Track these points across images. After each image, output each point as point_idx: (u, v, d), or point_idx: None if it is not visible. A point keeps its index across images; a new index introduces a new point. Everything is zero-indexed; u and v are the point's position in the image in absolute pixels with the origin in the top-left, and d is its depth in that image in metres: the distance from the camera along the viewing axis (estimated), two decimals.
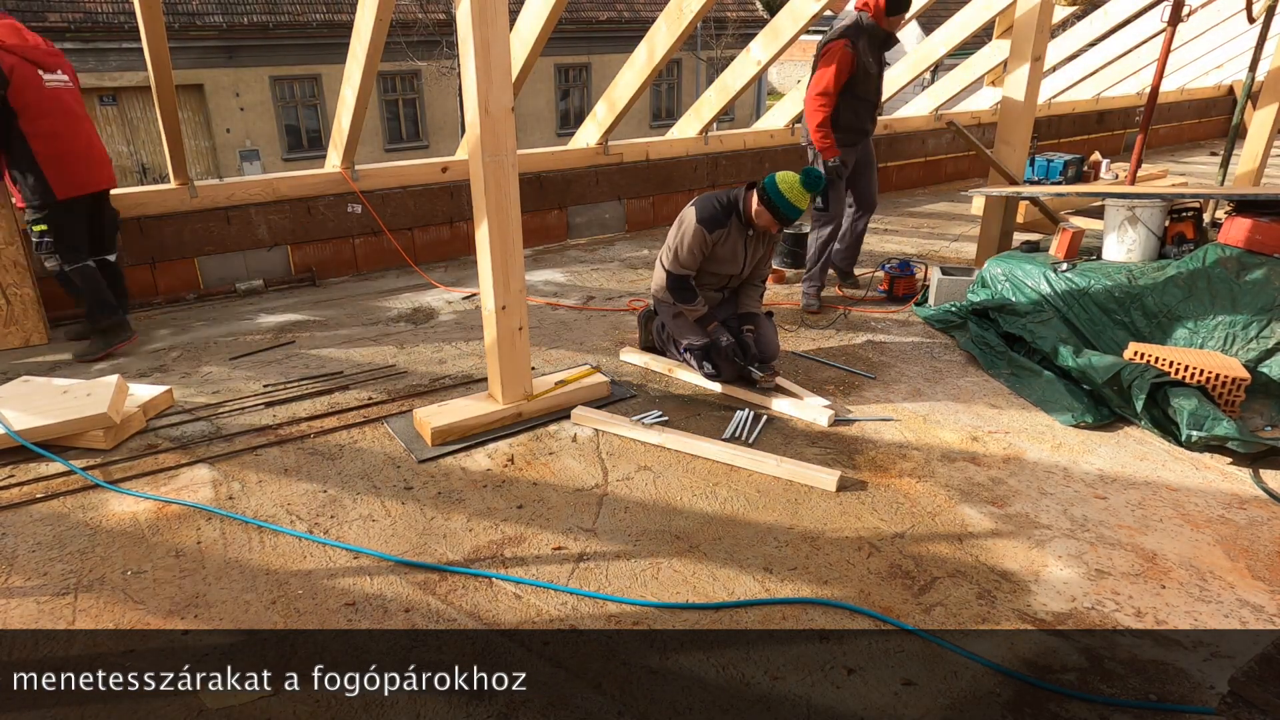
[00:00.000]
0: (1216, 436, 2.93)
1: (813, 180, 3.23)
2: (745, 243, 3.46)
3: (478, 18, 2.57)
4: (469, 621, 2.12)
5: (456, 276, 5.21)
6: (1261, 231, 3.67)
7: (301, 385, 3.54)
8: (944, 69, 10.86)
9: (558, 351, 3.97)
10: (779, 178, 3.26)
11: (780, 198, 3.24)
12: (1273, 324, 3.41)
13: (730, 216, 3.39)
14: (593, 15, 18.69)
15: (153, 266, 4.59)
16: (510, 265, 2.97)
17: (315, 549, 2.41)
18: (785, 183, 3.24)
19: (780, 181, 3.25)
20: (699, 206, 3.41)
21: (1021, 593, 2.26)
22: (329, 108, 16.01)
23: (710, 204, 3.40)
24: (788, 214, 3.27)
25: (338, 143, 4.94)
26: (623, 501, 2.69)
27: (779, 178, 3.26)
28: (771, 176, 3.28)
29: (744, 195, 3.40)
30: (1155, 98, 5.13)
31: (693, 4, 4.84)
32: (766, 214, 3.32)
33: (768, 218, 3.32)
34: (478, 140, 2.75)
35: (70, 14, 13.99)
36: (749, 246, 3.48)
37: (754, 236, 3.47)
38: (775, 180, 3.26)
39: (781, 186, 3.24)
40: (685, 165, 6.50)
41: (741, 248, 3.46)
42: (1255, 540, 2.51)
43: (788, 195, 3.23)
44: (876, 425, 3.24)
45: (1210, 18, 8.57)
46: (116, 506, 2.62)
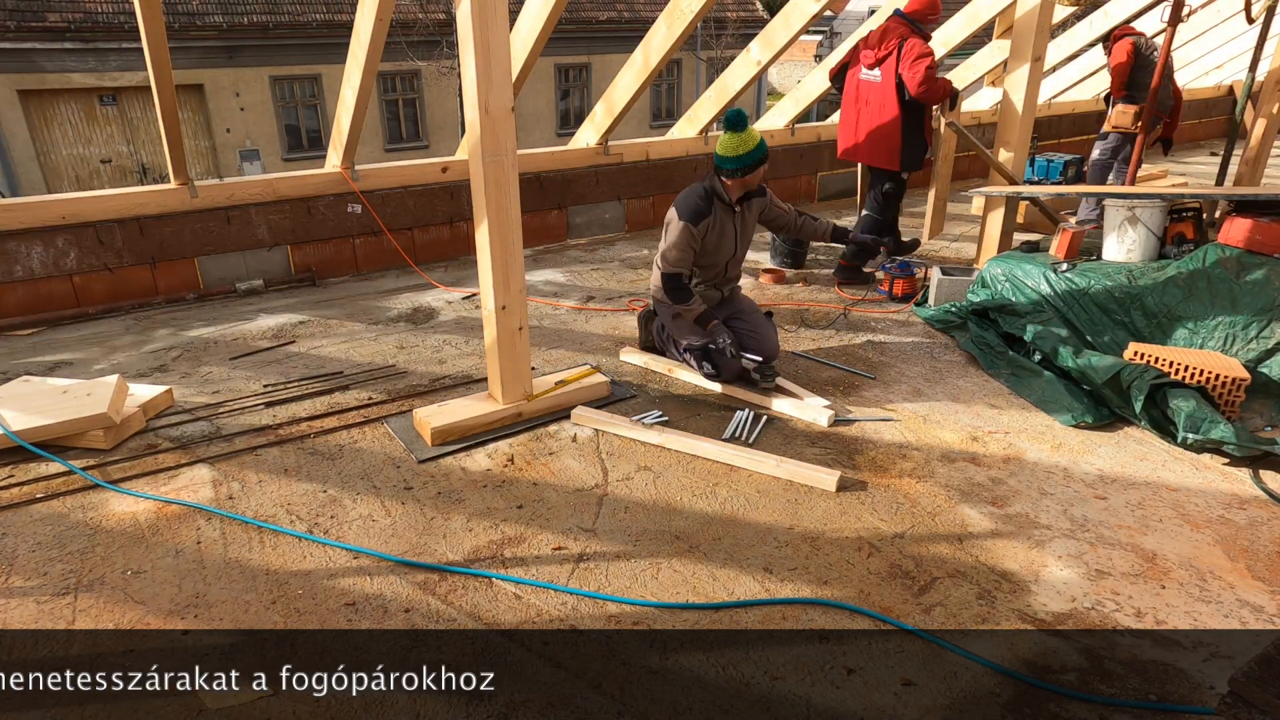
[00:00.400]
0: (1213, 440, 2.94)
1: (733, 120, 3.29)
2: (734, 220, 3.50)
3: (478, 18, 2.57)
4: (469, 621, 2.12)
5: (456, 276, 5.21)
6: (1261, 231, 3.67)
7: (301, 385, 3.54)
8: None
9: (558, 351, 3.97)
10: (718, 146, 3.34)
11: (727, 160, 3.31)
12: (1273, 324, 3.40)
13: (712, 202, 3.43)
14: (593, 15, 18.68)
15: (153, 266, 4.60)
16: (510, 265, 2.97)
17: (315, 549, 2.41)
18: (722, 146, 3.31)
19: (719, 148, 3.33)
20: (679, 204, 3.44)
21: (1021, 593, 2.26)
22: (329, 108, 16.01)
23: (690, 198, 3.43)
24: (745, 163, 3.31)
25: (338, 143, 4.94)
26: (623, 501, 2.69)
27: (718, 146, 3.34)
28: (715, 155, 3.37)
29: (716, 180, 3.44)
30: (1155, 98, 5.13)
31: (693, 4, 4.83)
32: (735, 180, 3.37)
33: (738, 181, 3.37)
34: (478, 140, 2.75)
35: (70, 14, 13.99)
36: (738, 224, 3.53)
37: (740, 211, 3.52)
38: (717, 153, 3.35)
39: (721, 151, 3.32)
40: (685, 165, 6.50)
41: (731, 228, 3.51)
42: (1255, 540, 2.51)
43: (730, 153, 3.29)
44: (876, 425, 3.24)
45: (1210, 18, 8.57)
46: (116, 506, 2.62)
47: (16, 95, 14.09)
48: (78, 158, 15.26)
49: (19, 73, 13.94)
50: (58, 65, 14.21)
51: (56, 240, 4.31)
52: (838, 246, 5.99)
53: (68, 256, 4.36)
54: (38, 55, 13.99)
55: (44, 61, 14.10)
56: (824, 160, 7.43)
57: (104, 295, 4.51)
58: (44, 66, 14.13)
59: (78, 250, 4.38)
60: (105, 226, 4.42)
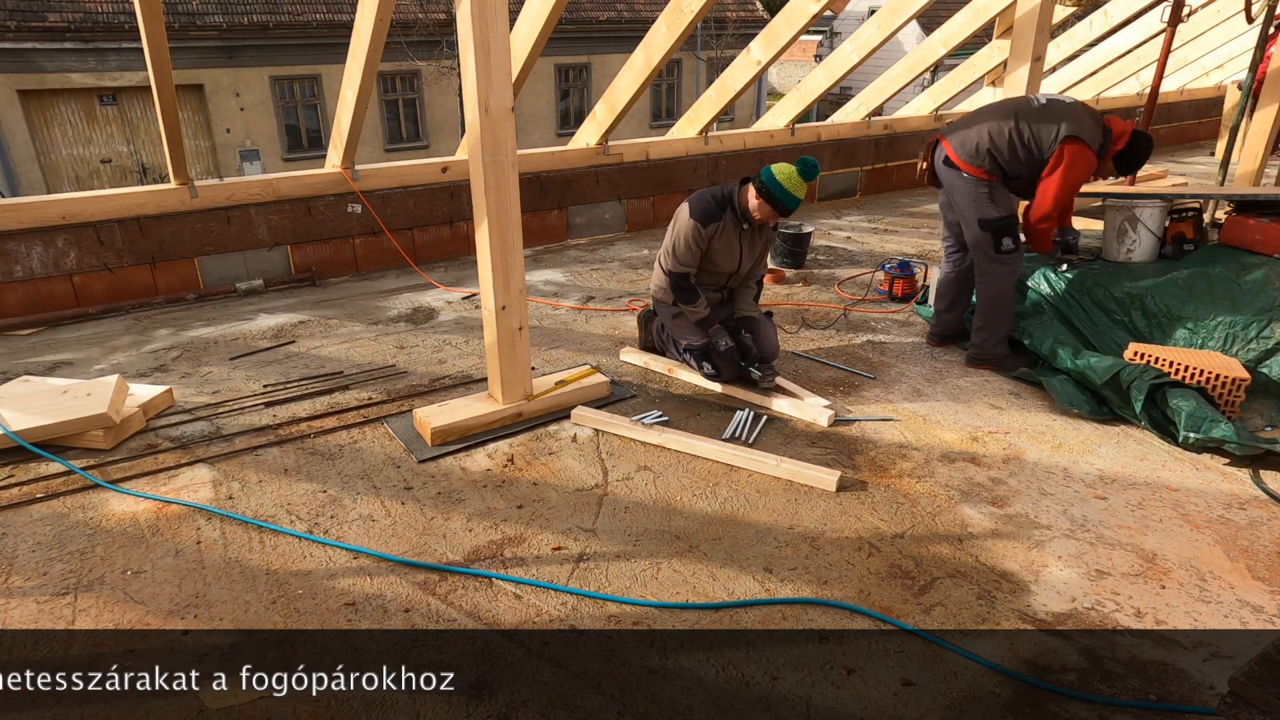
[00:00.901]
0: (1213, 439, 2.93)
1: (809, 169, 3.25)
2: (740, 237, 3.47)
3: (478, 18, 2.57)
4: (469, 621, 2.12)
5: (456, 276, 5.21)
6: (1261, 231, 3.67)
7: (301, 385, 3.54)
8: (944, 69, 10.87)
9: (558, 351, 3.97)
10: (776, 169, 3.28)
11: (779, 188, 3.26)
12: (1273, 324, 3.40)
13: (724, 210, 3.40)
14: (593, 15, 18.68)
15: (153, 266, 4.60)
16: (510, 265, 2.97)
17: (315, 549, 2.41)
18: (783, 173, 3.26)
19: (778, 173, 3.27)
20: (692, 203, 3.42)
21: (1021, 593, 2.26)
22: (329, 108, 16.01)
23: (704, 199, 3.42)
24: (787, 204, 3.28)
25: (338, 143, 4.94)
26: (623, 501, 2.69)
27: (776, 169, 3.28)
28: (768, 168, 3.30)
29: (738, 189, 3.40)
30: (1155, 98, 5.13)
31: (693, 4, 4.83)
32: (766, 205, 3.32)
33: (768, 209, 3.33)
34: (478, 140, 2.75)
35: (70, 14, 13.98)
36: (744, 241, 3.48)
37: (749, 231, 3.47)
38: (772, 172, 3.28)
39: (779, 177, 3.26)
40: (685, 165, 6.50)
41: (737, 242, 3.47)
42: (1255, 540, 2.51)
43: (786, 185, 3.25)
44: (876, 425, 3.24)
45: (1210, 18, 8.57)
46: (116, 506, 2.62)
47: (16, 95, 14.08)
48: (78, 158, 15.26)
49: (19, 73, 13.93)
50: (58, 65, 14.20)
51: (56, 240, 4.31)
52: (837, 247, 6.00)
53: (68, 256, 4.36)
54: (38, 55, 13.98)
55: (44, 61, 14.10)
56: (824, 160, 7.43)
57: (104, 295, 4.51)
58: (44, 66, 14.13)
59: (78, 250, 4.37)
60: (105, 226, 4.42)
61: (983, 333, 3.71)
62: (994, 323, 3.67)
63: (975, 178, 3.52)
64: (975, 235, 3.58)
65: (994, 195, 3.52)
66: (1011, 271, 3.60)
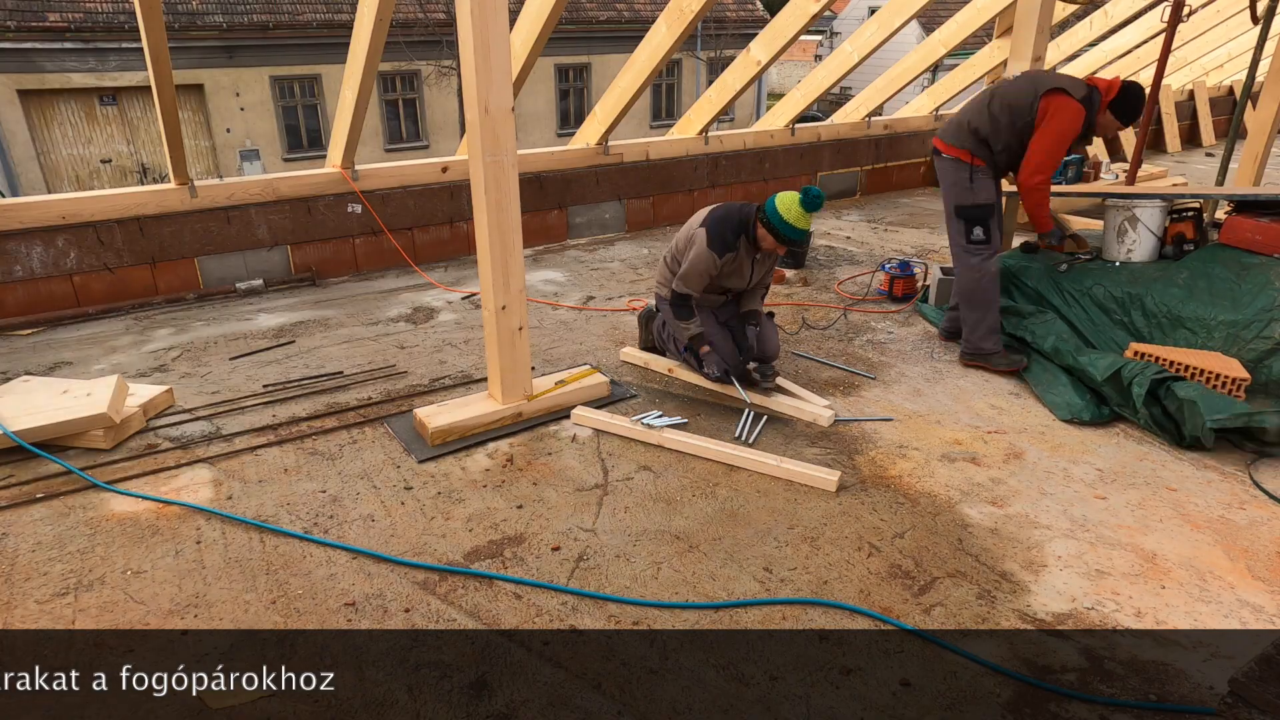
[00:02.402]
0: (1240, 414, 2.91)
1: (812, 200, 3.17)
2: (753, 261, 3.43)
3: (478, 18, 2.57)
4: (469, 621, 2.12)
5: (456, 276, 5.21)
6: (1261, 231, 3.67)
7: (301, 385, 3.54)
8: (944, 69, 10.87)
9: (558, 351, 3.97)
10: (779, 200, 3.21)
11: (781, 221, 3.19)
12: (1273, 324, 3.40)
13: (740, 238, 3.35)
14: (593, 15, 18.68)
15: (153, 266, 4.60)
16: (510, 265, 2.97)
17: (315, 549, 2.41)
18: (784, 204, 3.19)
19: (780, 204, 3.20)
20: (710, 228, 3.34)
21: (1021, 593, 2.26)
22: (329, 108, 16.02)
23: (721, 227, 3.34)
24: (791, 237, 3.23)
25: (338, 143, 4.95)
26: (623, 501, 2.69)
27: (779, 200, 3.21)
28: (772, 199, 3.23)
29: (754, 217, 3.33)
30: (1155, 97, 5.13)
31: (693, 4, 4.84)
32: (770, 239, 3.28)
33: (771, 242, 3.29)
34: (478, 140, 2.75)
35: (70, 14, 13.98)
36: (755, 264, 3.45)
37: (761, 255, 3.45)
38: (775, 204, 3.21)
39: (781, 209, 3.19)
40: (685, 165, 6.50)
41: (748, 266, 3.43)
42: (1255, 540, 2.51)
43: (787, 217, 3.18)
44: (876, 425, 3.24)
45: (1211, 17, 8.57)
46: (116, 506, 2.62)
47: (16, 95, 14.09)
48: (78, 158, 15.26)
49: (19, 73, 13.93)
50: (58, 65, 14.20)
51: (56, 240, 4.31)
52: (838, 247, 6.00)
53: (68, 256, 4.36)
54: (38, 55, 13.98)
55: (44, 61, 14.10)
56: (824, 160, 7.43)
57: (104, 295, 4.51)
58: (44, 66, 14.13)
59: (78, 250, 4.38)
60: (105, 226, 4.42)
61: (966, 327, 3.77)
62: (975, 318, 3.71)
63: (956, 159, 3.60)
64: (951, 224, 3.68)
65: (974, 181, 3.57)
66: (983, 263, 3.64)
